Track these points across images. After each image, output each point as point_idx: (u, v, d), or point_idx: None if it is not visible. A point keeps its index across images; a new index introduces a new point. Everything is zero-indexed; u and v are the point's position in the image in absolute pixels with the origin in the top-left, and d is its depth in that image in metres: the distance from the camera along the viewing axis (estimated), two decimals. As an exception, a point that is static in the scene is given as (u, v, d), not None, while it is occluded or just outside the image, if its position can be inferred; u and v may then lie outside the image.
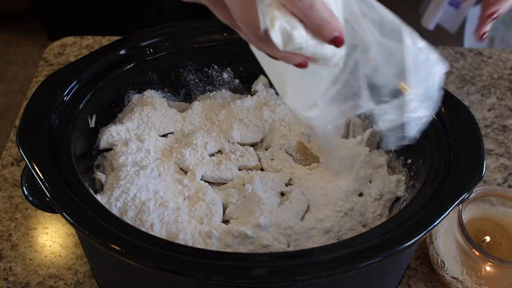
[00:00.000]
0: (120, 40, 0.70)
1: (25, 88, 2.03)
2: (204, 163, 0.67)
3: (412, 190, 0.63)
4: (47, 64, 0.99)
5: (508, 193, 0.68)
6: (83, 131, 0.65)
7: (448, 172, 0.57)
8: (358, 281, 0.58)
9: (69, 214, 0.52)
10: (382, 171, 0.69)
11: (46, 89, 0.63)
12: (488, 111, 0.92)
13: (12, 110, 1.99)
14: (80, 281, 0.70)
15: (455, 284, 0.66)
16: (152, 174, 0.64)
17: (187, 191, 0.64)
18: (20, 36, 2.25)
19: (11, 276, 0.70)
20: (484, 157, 0.58)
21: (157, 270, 0.49)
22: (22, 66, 2.15)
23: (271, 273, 0.48)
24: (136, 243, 0.50)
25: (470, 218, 0.69)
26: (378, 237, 0.51)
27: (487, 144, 0.86)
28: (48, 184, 0.54)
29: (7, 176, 0.81)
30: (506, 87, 0.96)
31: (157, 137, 0.69)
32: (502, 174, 0.83)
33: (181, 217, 0.61)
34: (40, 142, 0.58)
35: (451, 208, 0.54)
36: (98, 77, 0.67)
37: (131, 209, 0.61)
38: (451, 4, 1.80)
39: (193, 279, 0.49)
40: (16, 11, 2.23)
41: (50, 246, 0.74)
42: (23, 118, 0.60)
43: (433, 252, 0.68)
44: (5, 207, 0.77)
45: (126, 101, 0.72)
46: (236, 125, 0.70)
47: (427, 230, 0.52)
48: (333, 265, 0.49)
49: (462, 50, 1.02)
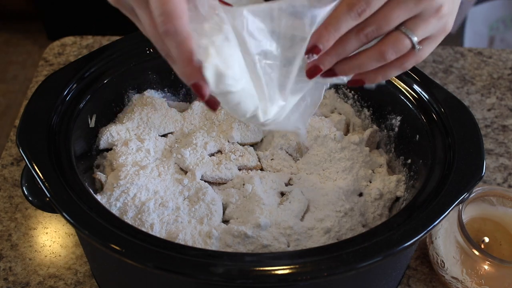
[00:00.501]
0: (120, 40, 0.70)
1: (25, 88, 2.03)
2: (204, 163, 0.67)
3: (412, 190, 0.63)
4: (47, 64, 0.99)
5: (508, 193, 0.68)
6: (83, 131, 0.65)
7: (448, 172, 0.57)
8: (358, 281, 0.58)
9: (69, 214, 0.52)
10: (382, 171, 0.69)
11: (46, 89, 0.63)
12: (488, 111, 0.92)
13: (12, 110, 1.99)
14: (80, 281, 0.70)
15: (455, 284, 0.66)
16: (152, 174, 0.64)
17: (187, 191, 0.64)
18: (20, 36, 2.25)
19: (11, 276, 0.70)
20: (484, 157, 0.58)
21: (157, 270, 0.49)
22: (22, 66, 2.15)
23: (271, 273, 0.48)
24: (136, 243, 0.50)
25: (470, 218, 0.69)
26: (378, 237, 0.51)
27: (487, 144, 0.86)
28: (48, 184, 0.54)
29: (7, 176, 0.81)
30: (506, 87, 0.96)
31: (157, 137, 0.70)
32: (502, 174, 0.83)
33: (181, 217, 0.61)
34: (40, 142, 0.58)
35: (451, 208, 0.54)
36: (98, 77, 0.67)
37: (131, 209, 0.61)
38: (451, 4, 1.79)
39: (193, 279, 0.49)
40: (16, 11, 2.23)
41: (50, 246, 0.74)
42: (23, 118, 0.60)
43: (433, 252, 0.68)
44: (5, 207, 0.77)
45: (126, 101, 0.72)
46: (236, 125, 0.70)
47: (427, 230, 0.52)
48: (333, 265, 0.49)
49: (462, 50, 1.03)
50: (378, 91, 0.69)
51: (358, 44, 0.50)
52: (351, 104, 0.74)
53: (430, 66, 0.99)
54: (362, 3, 0.48)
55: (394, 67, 0.53)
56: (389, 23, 0.49)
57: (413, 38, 0.50)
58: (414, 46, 0.51)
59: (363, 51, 0.51)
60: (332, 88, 0.75)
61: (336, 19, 0.49)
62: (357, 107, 0.74)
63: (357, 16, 0.48)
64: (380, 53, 0.51)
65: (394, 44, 0.50)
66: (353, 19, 0.49)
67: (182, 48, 0.44)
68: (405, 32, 0.50)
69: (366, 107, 0.73)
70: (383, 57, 0.51)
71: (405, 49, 0.51)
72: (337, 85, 0.74)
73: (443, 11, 0.50)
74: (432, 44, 0.53)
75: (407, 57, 0.52)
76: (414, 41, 0.50)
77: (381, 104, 0.71)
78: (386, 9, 0.49)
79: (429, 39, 0.52)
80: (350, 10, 0.48)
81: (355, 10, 0.48)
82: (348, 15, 0.48)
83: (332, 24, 0.49)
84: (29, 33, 2.24)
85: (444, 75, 0.98)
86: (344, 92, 0.74)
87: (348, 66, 0.52)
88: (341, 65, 0.52)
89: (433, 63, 0.99)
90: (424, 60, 0.98)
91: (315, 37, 0.49)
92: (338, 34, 0.49)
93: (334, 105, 0.75)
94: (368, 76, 0.54)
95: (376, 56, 0.51)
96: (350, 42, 0.50)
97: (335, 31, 0.49)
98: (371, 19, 0.49)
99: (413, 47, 0.51)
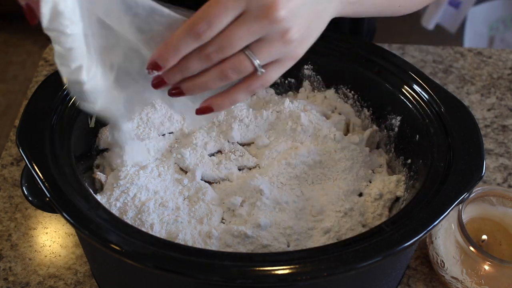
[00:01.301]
0: (120, 40, 0.70)
1: (25, 88, 2.03)
2: (204, 163, 0.67)
3: (412, 190, 0.63)
4: (47, 64, 0.99)
5: (508, 193, 0.68)
6: (83, 131, 0.65)
7: (448, 172, 0.57)
8: (358, 281, 0.58)
9: (69, 214, 0.52)
10: (382, 171, 0.69)
11: (46, 89, 0.63)
12: (488, 111, 0.92)
13: (12, 110, 1.99)
14: (80, 281, 0.70)
15: (455, 284, 0.66)
16: (152, 174, 0.64)
17: (187, 191, 0.64)
18: (20, 36, 2.25)
19: (11, 276, 0.70)
20: (484, 157, 0.58)
21: (157, 270, 0.49)
22: (22, 66, 2.15)
23: (271, 273, 0.48)
24: (136, 243, 0.50)
25: (470, 218, 0.69)
26: (378, 237, 0.51)
27: (487, 144, 0.86)
28: (48, 184, 0.54)
29: (7, 176, 0.81)
30: (506, 87, 0.96)
31: (157, 137, 0.70)
32: (502, 174, 0.83)
33: (181, 217, 0.61)
34: (40, 142, 0.58)
35: (451, 208, 0.54)
36: (98, 77, 0.67)
37: (131, 209, 0.61)
38: (451, 4, 1.80)
39: (193, 279, 0.49)
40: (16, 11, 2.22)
41: (50, 246, 0.74)
42: (23, 118, 0.60)
43: (433, 252, 0.68)
44: (5, 207, 0.77)
45: (126, 101, 0.72)
46: (236, 125, 0.70)
47: (427, 230, 0.52)
48: (333, 265, 0.49)
49: (462, 50, 1.03)
50: (378, 91, 0.70)
51: (200, 64, 0.50)
52: (351, 104, 0.74)
53: (430, 66, 0.99)
54: (203, 24, 0.47)
55: (240, 90, 0.52)
56: (232, 45, 0.48)
57: (254, 61, 0.49)
58: (256, 69, 0.50)
59: (206, 69, 0.51)
60: (332, 87, 0.75)
61: (177, 39, 0.48)
62: (357, 107, 0.74)
63: (197, 36, 0.48)
64: (220, 71, 0.50)
65: (235, 64, 0.50)
66: (193, 39, 0.48)
67: None
68: (247, 54, 0.49)
69: (366, 107, 0.73)
70: (224, 75, 0.50)
71: (247, 71, 0.50)
72: (337, 84, 0.74)
73: (290, 36, 0.49)
74: (279, 69, 0.52)
75: (251, 80, 0.51)
76: (256, 64, 0.50)
77: (381, 104, 0.71)
78: (229, 30, 0.48)
79: (275, 63, 0.51)
80: (190, 30, 0.48)
81: (195, 31, 0.47)
82: (188, 36, 0.48)
83: (172, 43, 0.49)
84: (29, 33, 2.23)
85: (444, 75, 0.98)
86: (344, 92, 0.74)
87: (192, 84, 0.52)
88: (185, 83, 0.52)
89: (433, 63, 0.99)
90: (424, 60, 0.99)
91: (156, 54, 0.50)
92: (178, 54, 0.49)
93: (334, 105, 0.75)
94: (216, 101, 0.53)
95: (217, 74, 0.50)
96: (193, 61, 0.50)
97: (175, 51, 0.49)
98: (213, 40, 0.48)
99: (255, 70, 0.50)
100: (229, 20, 0.48)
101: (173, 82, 0.52)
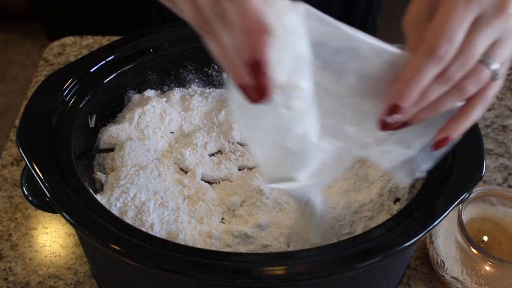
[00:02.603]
0: (120, 40, 0.70)
1: (25, 88, 2.03)
2: (204, 163, 0.67)
3: (412, 190, 0.63)
4: (47, 64, 0.99)
5: (508, 193, 0.68)
6: (83, 131, 0.65)
7: (448, 172, 0.57)
8: (358, 281, 0.58)
9: (69, 214, 0.52)
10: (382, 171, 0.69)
11: (46, 89, 0.63)
12: (488, 111, 0.92)
13: (12, 110, 1.99)
14: (80, 281, 0.70)
15: (455, 284, 0.66)
16: (152, 174, 0.64)
17: (187, 191, 0.64)
18: (20, 36, 2.25)
19: (11, 276, 0.70)
20: (484, 157, 0.58)
21: (157, 270, 0.49)
22: (22, 66, 2.15)
23: (271, 273, 0.48)
24: (136, 243, 0.50)
25: (470, 218, 0.69)
26: (378, 237, 0.51)
27: (487, 144, 0.86)
28: (48, 184, 0.54)
29: (7, 176, 0.81)
30: (506, 87, 0.96)
31: (157, 137, 0.70)
32: (502, 174, 0.83)
33: (181, 217, 0.61)
34: (40, 142, 0.58)
35: (451, 208, 0.54)
36: (98, 77, 0.67)
37: (131, 209, 0.61)
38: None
39: (193, 279, 0.49)
40: (16, 11, 2.23)
41: (50, 246, 0.74)
42: (23, 118, 0.60)
43: (433, 252, 0.68)
44: (5, 207, 0.77)
45: (126, 101, 0.72)
46: (236, 125, 0.70)
47: (427, 230, 0.52)
48: (333, 265, 0.49)
49: (462, 50, 1.02)
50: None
51: (442, 89, 0.44)
52: (351, 104, 0.74)
53: (430, 66, 0.99)
54: (443, 44, 0.41)
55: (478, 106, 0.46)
56: (474, 56, 0.43)
57: (493, 66, 0.44)
58: (495, 74, 0.45)
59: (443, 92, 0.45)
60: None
61: (417, 70, 0.42)
62: (357, 107, 0.73)
63: (440, 60, 0.42)
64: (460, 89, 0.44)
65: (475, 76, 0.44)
66: (436, 64, 0.42)
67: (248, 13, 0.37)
68: (484, 61, 0.44)
69: (366, 107, 0.72)
70: (463, 93, 0.44)
71: (485, 79, 0.45)
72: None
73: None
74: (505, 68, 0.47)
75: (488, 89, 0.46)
76: (494, 68, 0.44)
77: (381, 104, 0.70)
78: (468, 42, 0.42)
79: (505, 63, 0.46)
80: (430, 56, 0.42)
81: (437, 54, 0.42)
82: (429, 62, 0.42)
83: (413, 77, 0.42)
84: (29, 33, 2.23)
85: (444, 75, 0.97)
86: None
87: (426, 111, 0.45)
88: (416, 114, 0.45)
89: (433, 63, 0.99)
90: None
91: (394, 95, 0.43)
92: (421, 87, 0.43)
93: (334, 105, 0.75)
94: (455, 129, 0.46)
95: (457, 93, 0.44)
96: (433, 89, 0.43)
97: (417, 84, 0.42)
98: (454, 58, 0.42)
99: (493, 76, 0.45)
100: (465, 32, 0.42)
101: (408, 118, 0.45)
